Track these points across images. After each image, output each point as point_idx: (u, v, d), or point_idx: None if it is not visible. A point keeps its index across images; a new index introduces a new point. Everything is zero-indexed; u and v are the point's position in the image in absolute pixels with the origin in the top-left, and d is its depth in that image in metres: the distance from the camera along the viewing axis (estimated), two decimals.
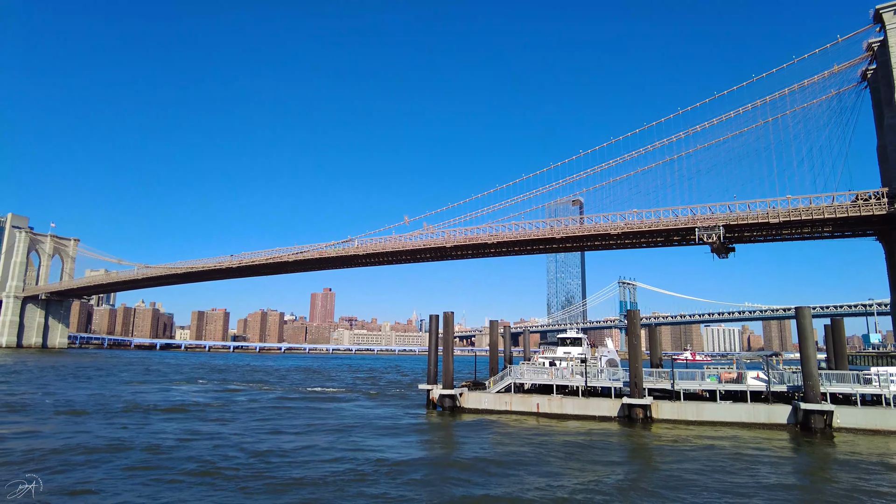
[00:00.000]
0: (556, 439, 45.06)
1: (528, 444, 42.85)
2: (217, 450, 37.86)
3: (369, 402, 72.41)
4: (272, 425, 49.51)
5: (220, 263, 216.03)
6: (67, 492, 26.60)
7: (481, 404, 61.88)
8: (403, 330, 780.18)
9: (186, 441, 40.74)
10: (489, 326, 79.29)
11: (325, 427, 49.21)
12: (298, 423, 51.71)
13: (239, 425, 49.11)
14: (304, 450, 38.57)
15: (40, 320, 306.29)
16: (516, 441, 44.04)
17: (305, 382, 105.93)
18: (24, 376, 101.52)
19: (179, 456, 35.44)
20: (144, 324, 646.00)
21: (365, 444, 41.52)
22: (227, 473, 31.26)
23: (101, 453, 35.54)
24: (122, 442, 39.58)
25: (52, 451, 35.63)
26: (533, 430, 49.98)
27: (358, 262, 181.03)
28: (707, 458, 37.98)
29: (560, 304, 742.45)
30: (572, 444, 43.25)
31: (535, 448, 40.97)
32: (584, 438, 45.83)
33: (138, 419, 51.29)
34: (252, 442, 41.14)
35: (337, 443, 41.59)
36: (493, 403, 61.48)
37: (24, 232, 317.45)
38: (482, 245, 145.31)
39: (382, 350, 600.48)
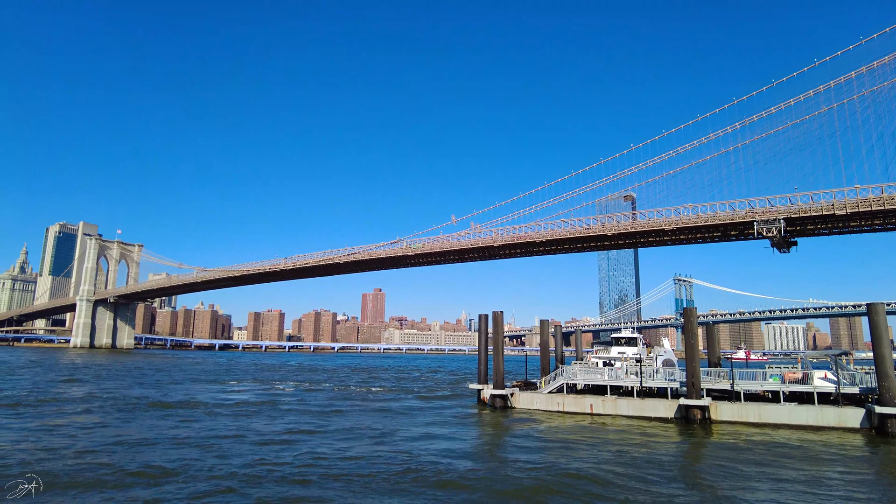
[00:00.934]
0: (611, 440, 44.01)
1: (582, 444, 42.00)
2: (267, 447, 38.68)
3: (420, 401, 72.72)
4: (325, 422, 50.28)
5: (274, 266, 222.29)
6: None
7: (533, 404, 61.19)
8: (453, 329, 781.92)
9: (242, 438, 41.83)
10: (540, 326, 78.36)
11: (375, 425, 49.60)
12: (350, 421, 52.32)
13: (294, 422, 50.13)
14: (355, 448, 38.94)
15: (109, 322, 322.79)
16: (570, 442, 43.26)
17: (358, 381, 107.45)
18: (113, 374, 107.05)
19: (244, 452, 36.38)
20: (203, 325, 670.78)
21: (415, 443, 41.61)
22: (275, 470, 31.86)
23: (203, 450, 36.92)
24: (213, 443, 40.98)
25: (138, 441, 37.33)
26: (586, 430, 49.00)
27: (406, 262, 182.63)
28: (774, 462, 36.23)
29: (613, 303, 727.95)
30: (627, 445, 42.13)
31: (588, 449, 40.11)
32: (640, 439, 44.58)
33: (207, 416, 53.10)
34: (303, 439, 41.85)
35: (387, 441, 41.81)
36: (545, 404, 60.69)
37: (94, 239, 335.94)
38: (530, 244, 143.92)
39: (432, 350, 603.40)
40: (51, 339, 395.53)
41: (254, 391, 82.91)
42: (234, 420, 51.49)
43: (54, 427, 45.13)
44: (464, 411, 62.03)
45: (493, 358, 63.93)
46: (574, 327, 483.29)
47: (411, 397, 77.66)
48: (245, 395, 77.02)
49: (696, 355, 53.89)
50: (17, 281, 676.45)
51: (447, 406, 67.16)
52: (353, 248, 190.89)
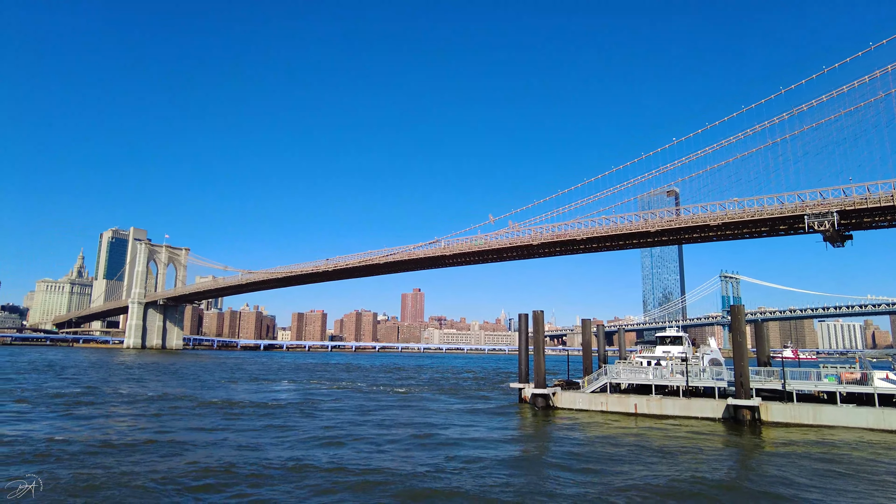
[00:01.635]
0: (656, 440, 42.96)
1: (626, 444, 41.16)
2: (304, 445, 39.22)
3: (461, 400, 72.64)
4: (363, 421, 50.73)
5: (316, 267, 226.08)
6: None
7: (575, 404, 60.36)
8: (492, 329, 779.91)
9: (282, 439, 42.58)
10: (581, 325, 77.29)
11: (414, 424, 49.75)
12: (389, 420, 52.63)
13: (331, 422, 50.75)
14: (392, 448, 39.13)
15: (159, 324, 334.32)
16: (613, 441, 42.45)
17: (398, 381, 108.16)
18: (162, 374, 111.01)
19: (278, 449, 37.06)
20: (249, 325, 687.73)
21: (457, 441, 41.54)
22: (314, 468, 32.25)
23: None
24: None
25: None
26: (631, 430, 48.02)
27: (445, 262, 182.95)
28: (835, 467, 34.72)
29: (657, 301, 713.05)
30: (673, 445, 41.05)
31: (633, 449, 39.27)
32: (687, 440, 43.39)
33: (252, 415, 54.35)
34: (344, 438, 42.29)
35: (428, 440, 41.86)
36: (587, 403, 59.79)
37: (143, 244, 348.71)
38: (571, 242, 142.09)
39: (472, 349, 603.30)
40: (106, 339, 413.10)
41: (294, 390, 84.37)
42: (270, 419, 52.46)
43: (98, 424, 46.91)
44: (505, 410, 61.67)
45: (534, 357, 63.37)
46: (617, 326, 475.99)
47: (452, 396, 77.67)
48: (285, 394, 78.45)
49: (744, 354, 52.15)
50: (75, 285, 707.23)
51: (488, 405, 66.88)
52: (392, 249, 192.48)
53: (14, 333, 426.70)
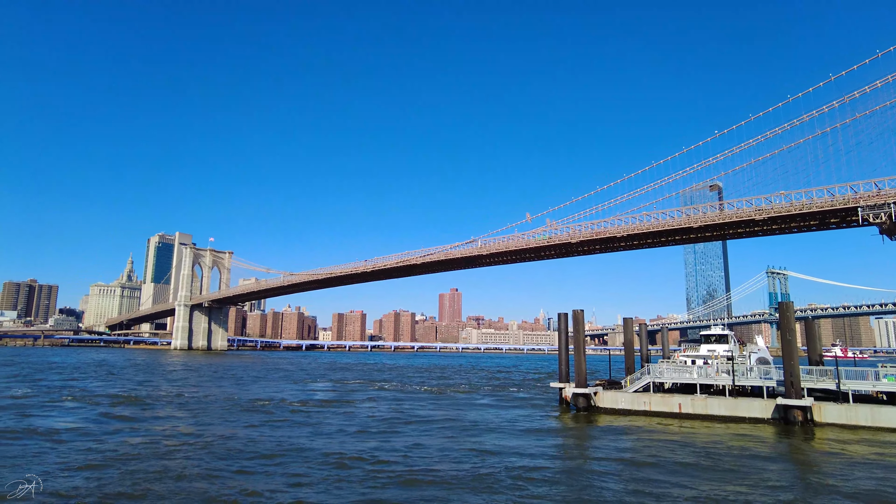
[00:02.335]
0: (702, 442, 41.81)
1: (671, 446, 40.17)
2: (339, 446, 39.59)
3: (501, 399, 72.35)
4: (401, 421, 50.97)
5: (355, 268, 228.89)
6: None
7: (618, 404, 59.27)
8: (531, 329, 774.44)
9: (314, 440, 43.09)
10: (623, 324, 75.83)
11: (454, 424, 49.72)
12: (428, 420, 52.73)
13: (369, 422, 51.16)
14: (434, 447, 39.13)
15: (205, 325, 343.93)
16: (657, 443, 41.51)
17: (438, 380, 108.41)
18: (207, 374, 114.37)
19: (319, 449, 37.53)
20: (291, 326, 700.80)
21: (497, 442, 41.30)
22: (357, 469, 32.50)
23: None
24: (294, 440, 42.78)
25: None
26: (675, 431, 46.89)
27: (482, 261, 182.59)
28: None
29: (701, 299, 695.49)
30: (720, 447, 39.86)
31: (679, 451, 38.30)
32: (735, 442, 42.08)
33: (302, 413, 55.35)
34: (385, 439, 42.54)
35: (468, 441, 41.70)
36: (630, 403, 58.63)
37: (188, 248, 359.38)
38: (611, 239, 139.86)
39: (511, 349, 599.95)
40: (154, 341, 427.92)
41: (331, 390, 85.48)
42: (309, 416, 53.21)
43: (144, 422, 48.46)
44: (545, 410, 61.12)
45: (575, 357, 62.52)
46: (660, 325, 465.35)
47: (491, 396, 77.41)
48: (322, 393, 79.54)
49: (794, 352, 50.27)
50: (125, 288, 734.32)
51: (528, 405, 66.44)
52: (429, 249, 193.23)
53: (71, 335, 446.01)
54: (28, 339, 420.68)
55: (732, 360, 58.57)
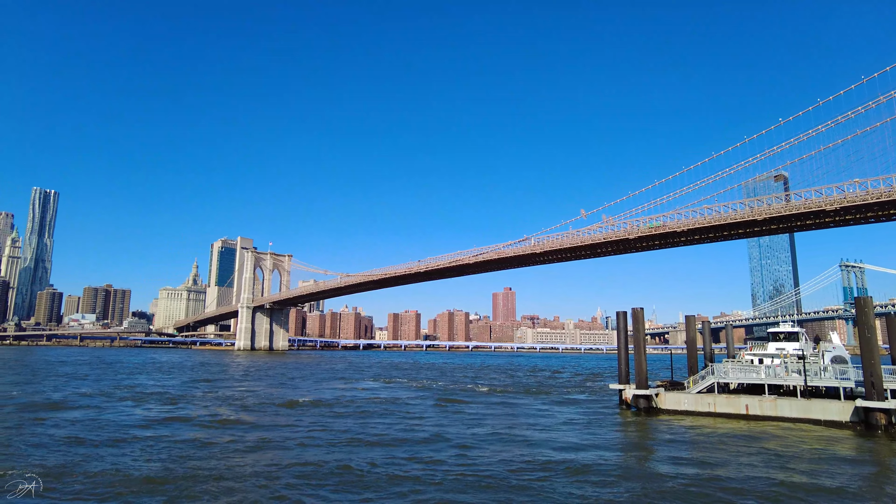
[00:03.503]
0: (773, 445, 39.76)
1: (739, 449, 38.41)
2: (388, 447, 39.76)
3: (559, 401, 71.25)
4: (467, 422, 50.87)
5: (408, 269, 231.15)
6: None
7: (680, 405, 57.29)
8: (588, 328, 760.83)
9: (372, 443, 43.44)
10: (685, 322, 73.41)
11: (510, 426, 49.22)
12: (484, 421, 52.43)
13: (424, 421, 51.27)
14: (490, 449, 38.79)
15: (267, 326, 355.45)
16: (726, 446, 39.77)
17: (494, 380, 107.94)
18: (270, 373, 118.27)
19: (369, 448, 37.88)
20: (348, 326, 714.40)
21: (554, 445, 40.59)
22: (398, 469, 32.55)
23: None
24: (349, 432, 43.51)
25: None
26: (743, 435, 44.81)
27: (535, 260, 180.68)
28: None
29: (767, 294, 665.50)
30: (794, 451, 37.79)
31: (747, 454, 36.57)
32: (812, 446, 39.81)
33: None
34: (447, 440, 42.52)
35: (524, 444, 41.17)
36: (693, 404, 56.54)
37: (250, 252, 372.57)
38: (670, 234, 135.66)
39: (567, 349, 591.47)
40: (219, 342, 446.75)
41: (392, 388, 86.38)
42: (365, 416, 53.83)
43: (207, 419, 50.21)
44: (605, 412, 59.75)
45: (635, 357, 60.83)
46: (724, 322, 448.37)
47: (548, 396, 76.37)
48: (384, 392, 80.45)
49: (874, 351, 47.13)
50: (191, 292, 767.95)
51: (587, 406, 65.16)
52: (482, 249, 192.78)
53: (143, 337, 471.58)
54: (106, 341, 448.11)
55: (804, 359, 55.53)
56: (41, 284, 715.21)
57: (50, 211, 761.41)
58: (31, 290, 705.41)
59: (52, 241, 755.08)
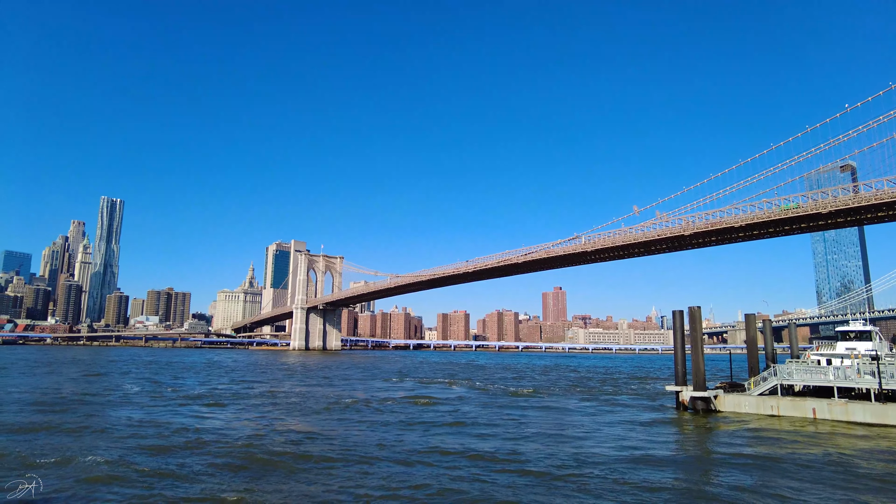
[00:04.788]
0: (846, 452, 37.40)
1: (807, 455, 36.32)
2: (440, 450, 39.50)
3: (612, 403, 69.58)
4: (513, 424, 50.28)
5: (456, 269, 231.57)
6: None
7: (741, 408, 54.94)
8: (642, 327, 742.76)
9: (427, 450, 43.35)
10: (745, 321, 70.41)
11: (563, 429, 48.27)
12: (535, 423, 51.64)
13: (476, 424, 50.90)
14: (543, 452, 38.08)
15: (320, 326, 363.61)
16: (790, 451, 37.71)
17: (544, 381, 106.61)
18: (323, 372, 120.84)
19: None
20: (399, 326, 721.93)
21: (609, 448, 39.51)
22: (446, 469, 32.24)
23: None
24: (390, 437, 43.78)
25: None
26: (811, 439, 42.42)
27: (586, 258, 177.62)
28: None
29: (834, 291, 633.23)
30: (870, 458, 35.44)
31: (815, 461, 34.53)
32: (887, 454, 37.27)
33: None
34: (493, 443, 42.11)
35: (576, 448, 40.18)
36: (755, 407, 54.11)
37: (303, 254, 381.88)
38: (728, 230, 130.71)
39: (621, 349, 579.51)
40: (275, 342, 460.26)
41: (437, 388, 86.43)
42: (419, 414, 53.86)
43: (265, 417, 51.32)
44: (661, 415, 57.89)
45: (692, 357, 58.68)
46: (787, 321, 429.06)
47: (602, 399, 74.68)
48: (438, 392, 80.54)
49: None
50: (248, 294, 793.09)
51: (642, 408, 63.38)
52: (530, 248, 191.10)
53: (202, 338, 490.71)
54: (168, 341, 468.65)
55: (878, 360, 52.22)
56: (109, 288, 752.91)
57: (116, 218, 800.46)
58: (101, 294, 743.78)
59: (118, 247, 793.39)
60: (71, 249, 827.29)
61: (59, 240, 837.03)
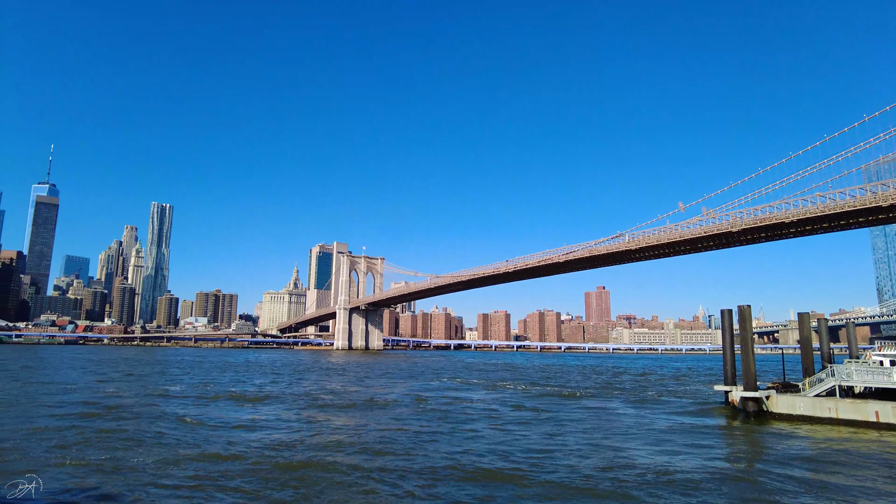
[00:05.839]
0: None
1: (871, 461, 34.44)
2: (473, 455, 39.07)
3: (658, 404, 67.80)
4: (554, 427, 49.52)
5: (496, 269, 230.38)
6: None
7: (795, 410, 52.58)
8: (689, 327, 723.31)
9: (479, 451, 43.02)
10: (798, 320, 67.57)
11: (610, 432, 47.22)
12: (580, 426, 50.72)
13: (514, 427, 50.31)
14: (593, 456, 37.29)
15: (362, 327, 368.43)
16: (852, 457, 35.83)
17: (589, 383, 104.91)
18: (365, 372, 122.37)
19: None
20: (439, 326, 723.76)
21: (656, 451, 38.38)
22: (504, 473, 31.83)
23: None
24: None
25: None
26: (874, 444, 40.24)
27: (630, 257, 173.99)
28: None
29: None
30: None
31: (881, 468, 32.68)
32: None
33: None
34: (529, 445, 41.51)
35: (623, 450, 39.20)
36: (811, 409, 51.68)
37: (345, 256, 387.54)
38: (778, 225, 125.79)
39: (667, 349, 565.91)
40: (319, 342, 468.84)
41: (480, 390, 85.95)
42: (458, 423, 53.55)
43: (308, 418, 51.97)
44: (710, 417, 56.07)
45: (742, 357, 56.59)
46: (844, 319, 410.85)
47: (648, 400, 72.87)
48: (481, 393, 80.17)
49: None
50: (292, 295, 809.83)
51: (690, 409, 61.54)
52: (572, 247, 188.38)
53: (249, 338, 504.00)
54: (216, 342, 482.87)
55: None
56: (160, 290, 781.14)
57: (166, 223, 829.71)
58: (152, 296, 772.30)
59: (168, 250, 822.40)
60: (125, 253, 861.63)
61: (113, 244, 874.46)
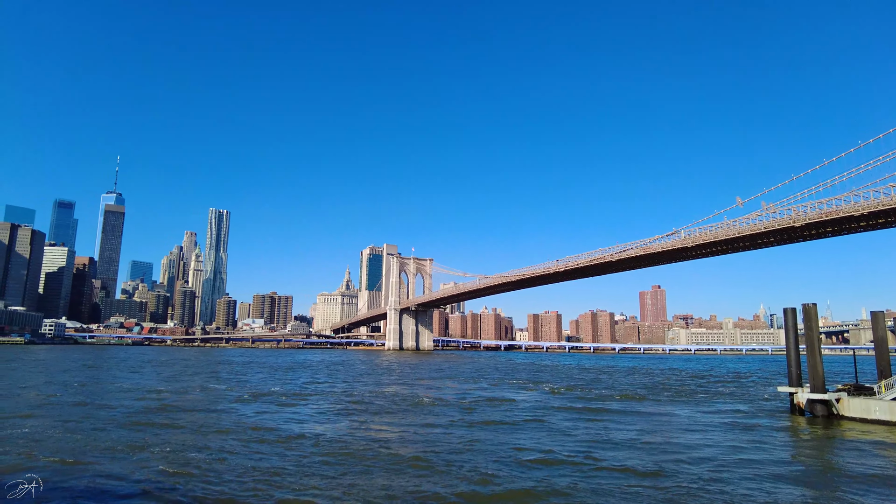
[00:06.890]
0: None
1: None
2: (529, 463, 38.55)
3: (719, 406, 65.45)
4: (603, 430, 48.56)
5: (547, 269, 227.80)
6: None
7: (870, 413, 49.67)
8: (750, 327, 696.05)
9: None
10: (871, 319, 63.91)
11: (668, 436, 45.85)
12: (634, 428, 49.51)
13: (578, 430, 49.56)
14: (649, 461, 36.33)
15: (413, 327, 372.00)
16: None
17: (643, 385, 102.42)
18: (419, 373, 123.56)
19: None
20: (489, 327, 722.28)
21: (717, 455, 37.00)
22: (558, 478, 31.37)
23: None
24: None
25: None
26: None
27: (686, 255, 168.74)
28: None
29: None
30: None
31: None
32: None
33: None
34: (577, 448, 40.80)
35: (682, 457, 37.92)
36: (888, 413, 48.67)
37: (395, 258, 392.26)
38: (846, 219, 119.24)
39: (726, 350, 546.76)
40: (371, 342, 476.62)
41: (530, 394, 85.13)
42: (509, 428, 53.11)
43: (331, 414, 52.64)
44: (774, 419, 53.67)
45: (808, 357, 53.87)
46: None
47: (709, 403, 70.44)
48: (525, 394, 79.52)
49: None
50: (345, 296, 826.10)
51: (753, 412, 59.11)
52: (625, 245, 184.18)
53: (304, 339, 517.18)
54: (273, 342, 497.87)
55: None
56: (219, 293, 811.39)
57: (223, 228, 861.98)
58: (211, 299, 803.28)
59: (226, 254, 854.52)
60: (185, 258, 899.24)
61: (175, 249, 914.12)
